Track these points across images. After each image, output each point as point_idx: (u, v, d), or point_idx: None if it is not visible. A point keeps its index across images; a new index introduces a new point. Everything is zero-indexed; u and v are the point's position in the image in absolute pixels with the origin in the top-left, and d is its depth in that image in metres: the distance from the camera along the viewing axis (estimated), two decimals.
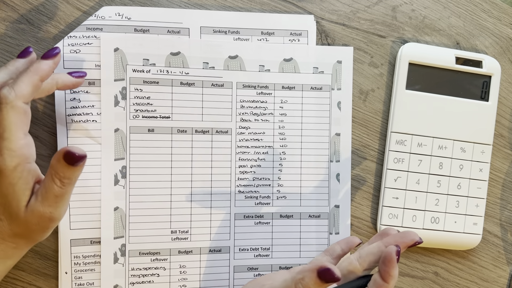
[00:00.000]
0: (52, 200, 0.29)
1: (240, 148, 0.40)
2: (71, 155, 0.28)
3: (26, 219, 0.29)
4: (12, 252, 0.31)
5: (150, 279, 0.39)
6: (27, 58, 0.33)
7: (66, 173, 0.29)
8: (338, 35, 0.42)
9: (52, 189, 0.29)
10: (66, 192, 0.30)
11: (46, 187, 0.29)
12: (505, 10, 0.45)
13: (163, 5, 0.40)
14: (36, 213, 0.29)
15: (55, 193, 0.29)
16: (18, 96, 0.29)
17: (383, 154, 0.43)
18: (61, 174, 0.28)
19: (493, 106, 0.43)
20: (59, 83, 0.34)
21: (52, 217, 0.30)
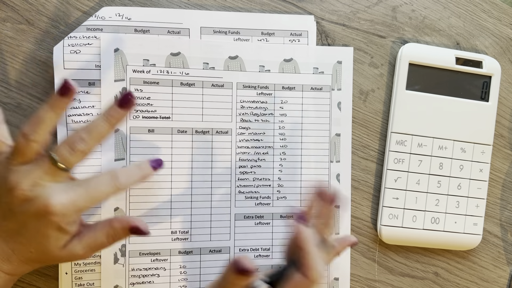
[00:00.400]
0: (94, 249, 0.31)
1: (240, 149, 0.40)
2: (138, 231, 0.31)
3: (60, 256, 0.30)
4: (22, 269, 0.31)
5: (151, 279, 0.39)
6: None
7: (122, 237, 0.31)
8: (338, 36, 0.42)
9: (101, 243, 0.31)
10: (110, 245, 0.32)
11: (95, 239, 0.31)
12: (505, 10, 0.45)
13: (163, 5, 0.40)
14: (73, 253, 0.30)
15: (101, 245, 0.31)
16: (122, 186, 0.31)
17: (383, 154, 0.43)
18: (118, 236, 0.31)
19: (493, 106, 0.43)
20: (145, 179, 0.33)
21: (82, 259, 0.32)
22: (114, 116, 0.30)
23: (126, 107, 0.30)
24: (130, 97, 0.31)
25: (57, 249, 0.30)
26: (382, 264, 0.43)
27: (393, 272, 0.43)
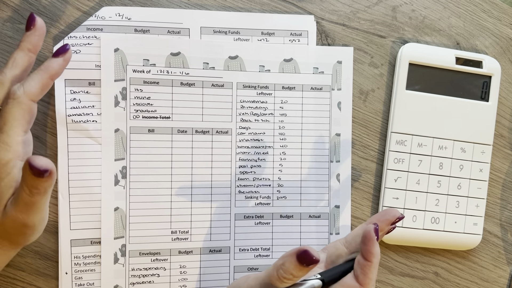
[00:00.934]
0: (22, 206, 0.28)
1: (240, 148, 0.40)
2: (35, 168, 0.27)
3: (2, 221, 0.29)
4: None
5: (150, 279, 0.39)
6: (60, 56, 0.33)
7: (33, 183, 0.27)
8: (338, 35, 0.42)
9: (22, 196, 0.28)
10: (36, 201, 0.29)
11: (18, 194, 0.28)
12: (505, 10, 0.45)
13: (163, 5, 0.40)
14: (9, 216, 0.29)
15: (24, 200, 0.28)
16: (26, 93, 0.29)
17: (383, 154, 0.43)
18: (28, 183, 0.27)
19: (493, 106, 0.43)
20: (53, 74, 0.32)
21: (25, 223, 0.29)
22: (24, 40, 0.32)
23: (32, 28, 0.32)
24: (32, 18, 0.32)
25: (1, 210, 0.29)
26: (382, 264, 0.43)
27: (393, 272, 0.43)
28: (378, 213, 0.32)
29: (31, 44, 0.32)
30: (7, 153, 0.28)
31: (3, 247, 0.31)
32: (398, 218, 0.32)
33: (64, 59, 0.32)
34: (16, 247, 0.32)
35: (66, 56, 0.32)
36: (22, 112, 0.29)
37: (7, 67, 0.31)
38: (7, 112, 0.29)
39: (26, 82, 0.30)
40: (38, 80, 0.30)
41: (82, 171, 0.38)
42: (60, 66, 0.31)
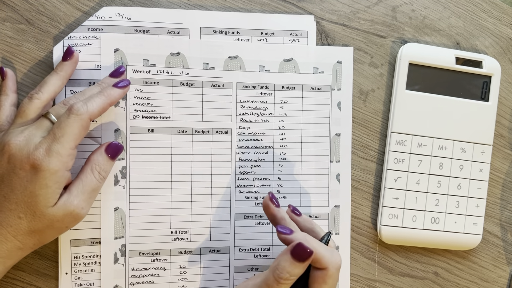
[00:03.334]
0: (88, 194, 0.32)
1: (240, 148, 0.40)
2: (115, 148, 0.33)
3: (53, 215, 0.30)
4: (16, 253, 0.31)
5: (150, 279, 0.39)
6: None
7: (105, 166, 0.33)
8: (338, 35, 0.42)
9: (92, 183, 0.32)
10: (101, 186, 0.33)
11: (84, 181, 0.32)
12: (505, 10, 0.45)
13: (163, 5, 0.40)
14: (68, 208, 0.31)
15: (93, 187, 0.32)
16: (88, 112, 0.32)
17: (383, 154, 0.43)
18: (102, 166, 0.32)
19: (493, 106, 0.43)
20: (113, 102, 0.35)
21: (80, 214, 0.32)
22: (104, 82, 0.36)
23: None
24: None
25: (48, 208, 0.30)
26: (382, 264, 0.43)
27: (393, 272, 0.43)
28: None
29: (107, 84, 0.35)
30: (58, 163, 0.30)
31: (25, 247, 0.32)
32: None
33: (123, 91, 0.35)
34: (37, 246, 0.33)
35: (125, 90, 0.35)
36: (81, 128, 0.31)
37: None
38: (67, 125, 0.31)
39: (90, 102, 0.32)
40: (100, 104, 0.33)
41: None
42: (120, 97, 0.34)
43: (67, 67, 0.35)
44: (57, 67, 0.35)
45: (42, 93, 0.34)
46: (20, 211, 0.30)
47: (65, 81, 0.36)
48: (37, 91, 0.34)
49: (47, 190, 0.30)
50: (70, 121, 0.31)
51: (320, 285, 0.30)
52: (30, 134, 0.31)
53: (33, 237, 0.31)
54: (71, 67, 0.36)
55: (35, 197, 0.30)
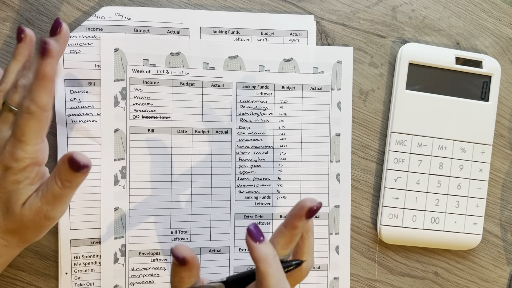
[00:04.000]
0: (50, 198, 0.30)
1: (240, 148, 0.40)
2: (75, 162, 0.29)
3: (22, 214, 0.30)
4: (4, 250, 0.31)
5: (150, 279, 0.39)
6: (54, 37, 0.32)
7: (68, 177, 0.29)
8: (338, 35, 0.42)
9: (52, 188, 0.30)
10: (66, 194, 0.30)
11: (47, 185, 0.30)
12: (505, 10, 0.45)
13: (163, 5, 0.40)
14: (33, 208, 0.30)
15: (54, 193, 0.30)
16: (39, 107, 0.29)
17: (383, 154, 0.43)
18: (63, 176, 0.29)
19: (493, 106, 0.43)
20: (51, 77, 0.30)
21: (47, 216, 0.30)
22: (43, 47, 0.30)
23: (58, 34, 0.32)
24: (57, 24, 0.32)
25: (19, 206, 0.30)
26: (382, 264, 0.43)
27: (393, 272, 0.43)
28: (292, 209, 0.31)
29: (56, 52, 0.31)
30: (25, 160, 0.30)
31: (11, 244, 0.31)
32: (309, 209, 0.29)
33: (51, 57, 0.29)
34: (22, 245, 0.32)
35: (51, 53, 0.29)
36: (39, 123, 0.30)
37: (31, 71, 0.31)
38: (23, 124, 0.29)
39: (33, 94, 0.29)
40: (43, 90, 0.29)
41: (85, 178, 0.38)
42: (53, 68, 0.30)
43: (23, 50, 0.33)
44: (14, 52, 0.33)
45: (6, 84, 0.32)
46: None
47: (26, 64, 0.33)
48: (1, 82, 0.32)
49: (18, 186, 0.30)
50: (25, 121, 0.29)
51: None
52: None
53: (13, 235, 0.31)
54: (27, 48, 0.33)
55: (7, 193, 0.30)
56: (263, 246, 0.28)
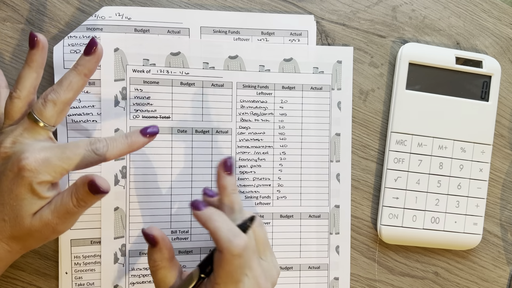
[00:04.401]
0: (62, 214, 0.30)
1: (240, 148, 0.40)
2: (96, 187, 0.29)
3: (31, 224, 0.29)
4: (5, 254, 0.31)
5: (150, 279, 0.39)
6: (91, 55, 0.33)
7: (85, 198, 0.30)
8: (338, 35, 0.42)
9: (67, 205, 0.30)
10: (78, 212, 0.30)
11: (62, 201, 0.30)
12: (505, 10, 0.45)
13: (163, 5, 0.40)
14: (43, 220, 0.29)
15: (68, 209, 0.30)
16: (106, 156, 0.31)
17: (383, 154, 0.43)
18: (80, 196, 0.29)
19: (493, 106, 0.43)
20: (134, 149, 0.33)
21: (55, 229, 0.30)
22: (81, 64, 0.32)
23: (91, 54, 0.32)
24: (94, 43, 0.32)
25: (29, 216, 0.29)
26: (382, 264, 0.43)
27: (393, 272, 0.43)
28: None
29: (88, 70, 0.32)
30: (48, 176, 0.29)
31: (13, 250, 0.31)
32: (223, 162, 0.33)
33: (150, 140, 0.33)
34: (23, 251, 0.32)
35: (152, 139, 0.33)
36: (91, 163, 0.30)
37: (62, 88, 0.31)
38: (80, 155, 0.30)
39: (112, 146, 0.31)
40: (121, 149, 0.31)
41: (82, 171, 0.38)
42: (143, 146, 0.32)
43: (36, 56, 0.32)
44: (26, 58, 0.33)
45: (20, 91, 0.32)
46: (5, 213, 0.29)
47: (40, 70, 0.33)
48: (15, 89, 0.32)
49: (32, 195, 0.29)
50: (84, 153, 0.30)
51: (217, 266, 0.29)
52: (20, 136, 0.30)
53: (17, 242, 0.31)
54: (40, 55, 0.33)
55: (20, 201, 0.29)
56: (206, 210, 0.31)
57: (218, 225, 0.29)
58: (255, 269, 0.30)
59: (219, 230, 0.29)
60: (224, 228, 0.29)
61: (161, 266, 0.31)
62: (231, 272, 0.29)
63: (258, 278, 0.30)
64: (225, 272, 0.29)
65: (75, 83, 0.32)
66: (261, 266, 0.31)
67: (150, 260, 0.31)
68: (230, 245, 0.28)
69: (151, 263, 0.31)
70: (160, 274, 0.31)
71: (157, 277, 0.31)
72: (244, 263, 0.29)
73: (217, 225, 0.29)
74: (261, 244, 0.32)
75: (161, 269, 0.31)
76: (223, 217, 0.30)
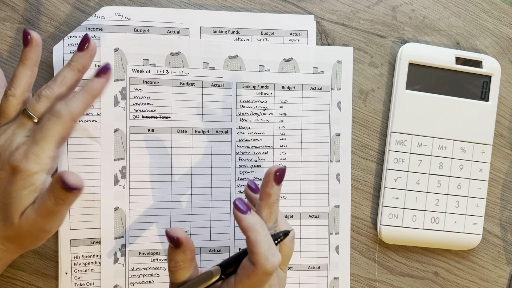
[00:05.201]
0: (45, 213, 0.29)
1: (240, 148, 0.40)
2: (65, 183, 0.28)
3: (19, 224, 0.29)
4: (2, 254, 0.31)
5: (150, 279, 0.39)
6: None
7: (61, 195, 0.28)
8: (338, 35, 0.42)
9: (47, 204, 0.29)
10: (60, 210, 0.29)
11: (42, 199, 0.29)
12: (505, 10, 0.45)
13: (163, 5, 0.40)
14: (29, 220, 0.29)
15: (48, 208, 0.29)
16: (70, 113, 0.30)
17: (383, 154, 0.43)
18: (56, 194, 0.28)
19: (493, 106, 0.43)
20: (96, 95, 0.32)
21: (43, 228, 0.30)
22: (74, 60, 0.32)
23: (84, 50, 0.32)
24: (86, 39, 0.33)
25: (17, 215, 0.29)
26: (382, 264, 0.43)
27: (393, 272, 0.43)
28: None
29: (81, 65, 0.33)
30: (36, 165, 0.29)
31: (9, 250, 0.31)
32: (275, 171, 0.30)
33: (106, 79, 0.32)
34: (21, 251, 0.32)
35: (108, 76, 0.32)
36: (63, 130, 0.30)
37: (56, 84, 0.32)
38: (47, 127, 0.29)
39: (71, 101, 0.30)
40: (82, 101, 0.30)
41: (82, 171, 0.38)
42: (102, 87, 0.32)
43: (30, 54, 0.32)
44: (21, 56, 0.32)
45: (15, 89, 0.32)
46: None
47: (34, 68, 0.33)
48: (9, 87, 0.32)
49: (22, 192, 0.29)
50: (51, 124, 0.29)
51: (243, 277, 0.29)
52: (12, 134, 0.30)
53: (12, 242, 0.31)
54: (34, 52, 0.32)
55: (10, 199, 0.29)
56: (250, 216, 0.29)
57: (260, 238, 0.28)
58: (273, 278, 0.31)
59: (260, 244, 0.28)
60: (265, 243, 0.28)
61: (183, 266, 0.31)
62: (255, 285, 0.29)
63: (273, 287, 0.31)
64: (251, 283, 0.29)
65: (68, 79, 0.32)
66: (278, 276, 0.32)
67: (172, 261, 0.31)
68: (266, 263, 0.28)
69: (172, 263, 0.31)
70: (180, 274, 0.31)
71: (175, 276, 0.31)
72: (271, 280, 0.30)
73: (259, 238, 0.28)
74: (286, 258, 0.33)
75: (182, 269, 0.31)
76: (265, 230, 0.29)
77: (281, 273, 0.33)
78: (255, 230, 0.29)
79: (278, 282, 0.32)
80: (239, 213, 0.30)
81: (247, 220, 0.29)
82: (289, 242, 0.33)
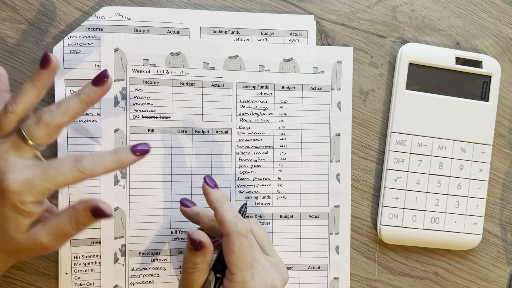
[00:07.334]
0: (59, 236, 0.29)
1: (240, 148, 0.40)
2: (100, 212, 0.29)
3: (22, 242, 0.29)
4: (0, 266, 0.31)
5: (150, 279, 0.39)
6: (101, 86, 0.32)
7: (86, 222, 0.29)
8: (338, 35, 0.42)
9: (64, 229, 0.29)
10: (76, 234, 0.30)
11: (58, 224, 0.29)
12: (505, 10, 0.45)
13: (163, 5, 0.40)
14: (37, 241, 0.29)
15: (65, 232, 0.29)
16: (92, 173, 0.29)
17: (383, 154, 0.43)
18: (80, 220, 0.29)
19: (493, 106, 0.43)
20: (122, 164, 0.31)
21: (50, 248, 0.30)
22: (85, 92, 0.31)
23: (99, 85, 0.32)
24: (105, 75, 0.32)
25: (18, 233, 0.29)
26: (382, 264, 0.43)
27: (393, 272, 0.43)
28: None
29: (90, 100, 0.32)
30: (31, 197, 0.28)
31: (6, 261, 0.31)
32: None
33: (138, 159, 0.31)
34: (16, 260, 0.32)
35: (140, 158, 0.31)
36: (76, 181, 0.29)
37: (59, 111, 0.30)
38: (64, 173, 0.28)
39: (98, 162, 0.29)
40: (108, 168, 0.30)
41: None
42: (132, 163, 0.31)
43: (45, 77, 0.31)
44: (34, 75, 0.31)
45: (17, 106, 0.30)
46: None
47: (43, 90, 0.31)
48: (12, 102, 0.30)
49: (17, 216, 0.28)
50: (68, 172, 0.28)
51: (228, 253, 0.30)
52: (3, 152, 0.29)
53: (9, 255, 0.30)
54: (49, 76, 0.31)
55: (6, 220, 0.28)
56: (217, 191, 0.33)
57: (226, 208, 0.31)
58: (264, 261, 0.32)
59: (227, 213, 0.31)
60: (232, 212, 0.31)
61: (201, 268, 0.31)
62: (242, 256, 0.30)
63: (269, 269, 0.32)
64: (237, 256, 0.30)
65: (73, 110, 0.31)
66: (269, 261, 0.32)
67: (190, 262, 0.30)
68: (236, 226, 0.30)
69: (190, 265, 0.30)
70: (196, 275, 0.31)
71: (190, 278, 0.31)
72: (251, 247, 0.30)
73: (225, 208, 0.31)
74: (264, 241, 0.34)
75: (200, 271, 0.31)
76: (230, 203, 0.32)
77: (271, 259, 0.33)
78: (222, 201, 0.32)
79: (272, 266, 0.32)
80: (208, 187, 0.33)
81: (215, 194, 0.32)
82: (256, 224, 0.35)
